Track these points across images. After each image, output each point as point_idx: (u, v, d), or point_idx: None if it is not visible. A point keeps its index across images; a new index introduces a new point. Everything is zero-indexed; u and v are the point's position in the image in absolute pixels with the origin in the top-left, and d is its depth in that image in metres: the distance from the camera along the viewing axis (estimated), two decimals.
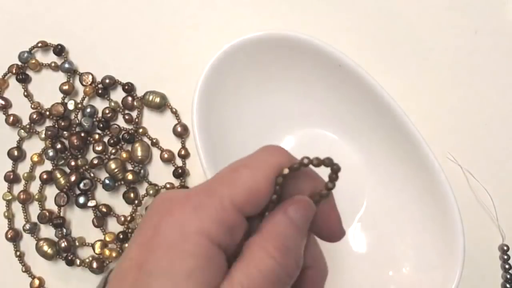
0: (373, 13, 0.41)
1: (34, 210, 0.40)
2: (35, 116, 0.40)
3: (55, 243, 0.39)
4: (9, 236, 0.39)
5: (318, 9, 0.41)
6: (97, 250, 0.39)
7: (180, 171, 0.39)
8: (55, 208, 0.40)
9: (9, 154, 0.40)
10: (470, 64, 0.41)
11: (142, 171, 0.40)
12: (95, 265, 0.38)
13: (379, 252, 0.36)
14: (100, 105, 0.41)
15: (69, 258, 0.39)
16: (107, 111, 0.40)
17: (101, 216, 0.39)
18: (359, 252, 0.37)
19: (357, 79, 0.34)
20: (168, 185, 0.39)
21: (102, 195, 0.40)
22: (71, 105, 0.40)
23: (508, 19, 0.41)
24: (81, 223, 0.40)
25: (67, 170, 0.40)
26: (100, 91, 0.40)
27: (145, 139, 0.40)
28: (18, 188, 0.40)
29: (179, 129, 0.40)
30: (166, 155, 0.40)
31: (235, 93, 0.36)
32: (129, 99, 0.40)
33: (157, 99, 0.40)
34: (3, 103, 0.41)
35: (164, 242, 0.19)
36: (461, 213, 0.32)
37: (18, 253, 0.39)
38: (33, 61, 0.41)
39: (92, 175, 0.40)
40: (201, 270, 0.18)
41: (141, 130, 0.40)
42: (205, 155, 0.33)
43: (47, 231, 0.40)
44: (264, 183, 0.20)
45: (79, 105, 0.40)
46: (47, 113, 0.40)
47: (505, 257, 0.38)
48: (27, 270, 0.39)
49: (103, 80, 0.40)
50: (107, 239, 0.39)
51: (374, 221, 0.37)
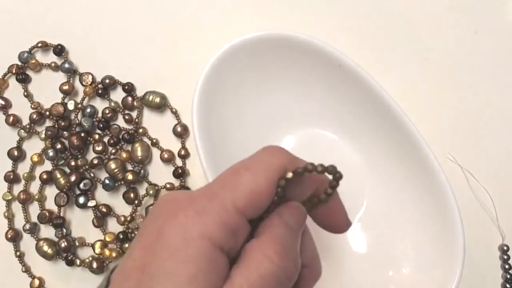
0: (373, 13, 0.41)
1: (34, 210, 0.40)
2: (35, 116, 0.40)
3: (55, 243, 0.39)
4: (9, 236, 0.39)
5: (318, 9, 0.41)
6: (97, 250, 0.39)
7: (180, 171, 0.39)
8: (55, 208, 0.40)
9: (9, 154, 0.40)
10: (470, 64, 0.41)
11: (142, 171, 0.40)
12: (95, 265, 0.38)
13: (379, 252, 0.36)
14: (100, 105, 0.41)
15: (69, 258, 0.39)
16: (107, 111, 0.40)
17: (101, 216, 0.39)
18: (359, 252, 0.36)
19: (357, 79, 0.34)
20: (168, 185, 0.39)
21: (102, 195, 0.40)
22: (71, 105, 0.40)
23: (508, 19, 0.41)
24: (81, 223, 0.40)
25: (67, 170, 0.40)
26: (100, 91, 0.40)
27: (145, 139, 0.40)
28: (18, 188, 0.40)
29: (179, 129, 0.40)
30: (166, 155, 0.40)
31: (235, 93, 0.36)
32: (129, 99, 0.40)
33: (157, 99, 0.40)
34: (3, 103, 0.41)
35: (168, 245, 0.19)
36: (461, 213, 0.32)
37: (18, 253, 0.39)
38: (33, 61, 0.41)
39: (92, 175, 0.40)
40: (203, 274, 0.19)
41: (141, 130, 0.40)
42: (205, 155, 0.33)
43: (47, 231, 0.40)
44: (266, 186, 0.20)
45: (79, 105, 0.40)
46: (47, 113, 0.40)
47: (505, 257, 0.38)
48: (27, 270, 0.39)
49: (103, 80, 0.40)
50: (107, 239, 0.39)
51: (374, 221, 0.37)
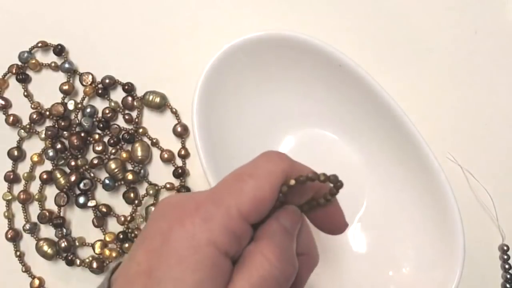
0: (373, 13, 0.41)
1: (34, 210, 0.40)
2: (35, 116, 0.40)
3: (55, 243, 0.39)
4: (9, 236, 0.39)
5: (318, 9, 0.41)
6: (97, 250, 0.39)
7: (180, 171, 0.39)
8: (55, 208, 0.40)
9: (9, 154, 0.40)
10: (470, 64, 0.41)
11: (142, 171, 0.40)
12: (95, 265, 0.38)
13: (379, 252, 0.36)
14: (100, 105, 0.41)
15: (69, 258, 0.39)
16: (107, 111, 0.40)
17: (101, 216, 0.39)
18: (359, 252, 0.37)
19: (357, 79, 0.34)
20: (168, 185, 0.39)
21: (102, 195, 0.40)
22: (71, 105, 0.40)
23: (508, 19, 0.41)
24: (81, 223, 0.40)
25: (67, 170, 0.40)
26: (100, 91, 0.40)
27: (145, 139, 0.40)
28: (18, 188, 0.40)
29: (179, 129, 0.40)
30: (166, 155, 0.40)
31: (235, 93, 0.36)
32: (129, 99, 0.40)
33: (157, 99, 0.40)
34: (3, 103, 0.41)
35: (175, 252, 0.20)
36: (461, 213, 0.32)
37: (18, 253, 0.39)
38: (33, 61, 0.41)
39: (92, 175, 0.40)
40: (209, 280, 0.19)
41: (141, 130, 0.40)
42: (205, 155, 0.33)
43: (47, 231, 0.40)
44: (269, 192, 0.21)
45: (79, 105, 0.40)
46: (47, 113, 0.40)
47: (505, 257, 0.38)
48: (27, 270, 0.39)
49: (103, 80, 0.40)
50: (107, 239, 0.39)
51: (374, 221, 0.37)
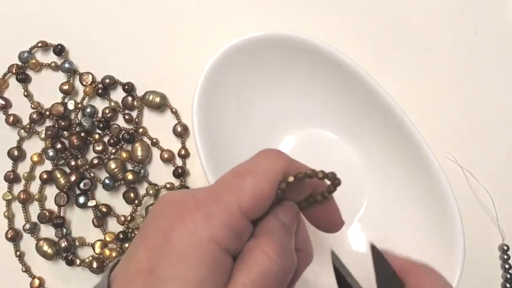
0: (373, 13, 0.41)
1: (34, 210, 0.40)
2: (35, 116, 0.40)
3: (55, 243, 0.39)
4: (9, 236, 0.39)
5: (318, 9, 0.41)
6: (97, 250, 0.39)
7: (180, 171, 0.39)
8: (55, 208, 0.40)
9: (9, 154, 0.40)
10: (470, 64, 0.41)
11: (142, 171, 0.40)
12: (95, 265, 0.38)
13: None
14: (100, 105, 0.41)
15: (69, 258, 0.39)
16: (107, 111, 0.40)
17: (101, 216, 0.39)
18: (359, 252, 0.36)
19: (357, 79, 0.34)
20: (168, 185, 0.39)
21: (102, 195, 0.40)
22: (71, 105, 0.40)
23: (508, 19, 0.41)
24: (81, 223, 0.40)
25: (67, 170, 0.40)
26: (100, 91, 0.40)
27: (145, 139, 0.40)
28: (18, 188, 0.40)
29: (179, 129, 0.40)
30: (166, 155, 0.40)
31: (235, 93, 0.36)
32: (129, 99, 0.40)
33: (157, 99, 0.40)
34: (3, 103, 0.41)
35: (176, 250, 0.20)
36: (461, 213, 0.32)
37: (18, 253, 0.39)
38: (33, 61, 0.41)
39: (92, 175, 0.40)
40: (210, 277, 0.19)
41: (141, 130, 0.40)
42: (205, 155, 0.33)
43: (47, 231, 0.40)
44: (268, 189, 0.21)
45: (79, 105, 0.40)
46: (47, 113, 0.40)
47: (505, 257, 0.38)
48: (27, 270, 0.39)
49: (103, 80, 0.40)
50: (107, 239, 0.39)
51: (374, 221, 0.37)
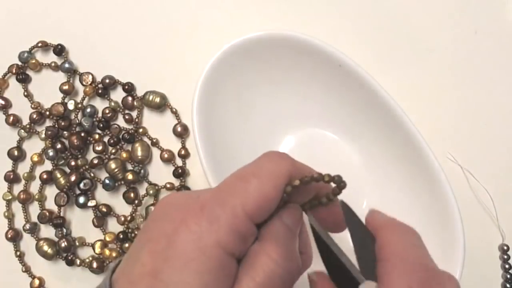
0: (373, 13, 0.41)
1: (34, 210, 0.40)
2: (35, 116, 0.40)
3: (55, 243, 0.39)
4: (9, 236, 0.39)
5: (318, 9, 0.41)
6: (97, 250, 0.39)
7: (180, 171, 0.39)
8: (55, 208, 0.40)
9: (9, 154, 0.40)
10: (470, 64, 0.41)
11: (142, 171, 0.40)
12: (95, 265, 0.38)
13: None
14: (100, 105, 0.41)
15: (69, 258, 0.39)
16: (107, 111, 0.40)
17: (101, 216, 0.39)
18: None
19: (357, 79, 0.34)
20: (168, 185, 0.39)
21: (102, 195, 0.40)
22: (71, 105, 0.40)
23: (508, 19, 0.41)
24: (81, 223, 0.40)
25: (67, 170, 0.40)
26: (100, 91, 0.40)
27: (145, 139, 0.40)
28: (18, 188, 0.40)
29: (179, 129, 0.40)
30: (166, 155, 0.40)
31: (235, 93, 0.36)
32: (129, 99, 0.40)
33: (157, 99, 0.40)
34: (3, 103, 0.41)
35: (181, 254, 0.20)
36: (461, 213, 0.32)
37: (18, 253, 0.39)
38: (33, 61, 0.41)
39: (92, 175, 0.40)
40: (216, 281, 0.19)
41: (141, 130, 0.40)
42: (205, 155, 0.33)
43: (47, 231, 0.40)
44: (274, 192, 0.21)
45: (79, 105, 0.40)
46: (47, 113, 0.40)
47: (505, 257, 0.38)
48: (27, 270, 0.39)
49: (103, 80, 0.40)
50: (107, 239, 0.39)
51: None
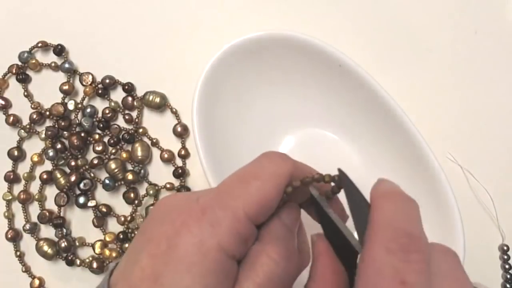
0: (373, 13, 0.41)
1: (34, 210, 0.40)
2: (35, 116, 0.40)
3: (55, 243, 0.39)
4: (9, 236, 0.39)
5: (318, 9, 0.41)
6: (97, 250, 0.39)
7: (180, 171, 0.39)
8: (55, 208, 0.40)
9: (9, 154, 0.40)
10: (470, 64, 0.41)
11: (142, 171, 0.40)
12: (95, 265, 0.38)
13: None
14: (100, 105, 0.41)
15: (69, 258, 0.39)
16: (107, 111, 0.40)
17: (101, 216, 0.39)
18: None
19: (357, 79, 0.34)
20: (168, 185, 0.39)
21: (102, 195, 0.40)
22: (71, 105, 0.40)
23: (508, 19, 0.41)
24: (81, 223, 0.40)
25: (67, 170, 0.40)
26: (100, 91, 0.40)
27: (145, 139, 0.40)
28: (18, 188, 0.40)
29: (179, 129, 0.40)
30: (166, 155, 0.40)
31: (235, 93, 0.36)
32: (129, 99, 0.40)
33: (157, 99, 0.40)
34: (3, 103, 0.41)
35: (183, 258, 0.19)
36: (461, 213, 0.32)
37: (18, 253, 0.39)
38: (33, 61, 0.41)
39: (92, 175, 0.40)
40: (218, 285, 0.19)
41: (141, 130, 0.40)
42: (205, 155, 0.33)
43: (47, 231, 0.40)
44: (275, 193, 0.21)
45: (79, 105, 0.40)
46: (47, 113, 0.40)
47: (505, 257, 0.38)
48: (27, 270, 0.39)
49: (103, 80, 0.40)
50: (107, 239, 0.39)
51: None
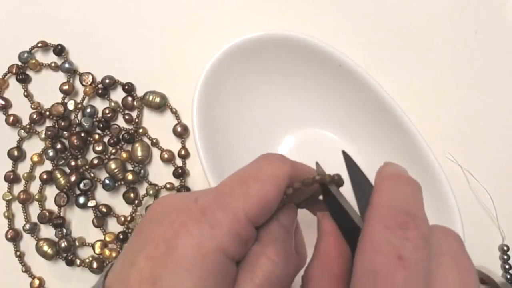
0: (373, 13, 0.41)
1: (34, 210, 0.40)
2: (35, 116, 0.40)
3: (55, 243, 0.39)
4: (9, 236, 0.39)
5: (318, 9, 0.41)
6: (97, 250, 0.39)
7: (180, 171, 0.39)
8: (55, 208, 0.40)
9: (9, 154, 0.40)
10: (470, 64, 0.41)
11: (142, 171, 0.40)
12: (95, 265, 0.38)
13: None
14: (100, 105, 0.41)
15: (69, 258, 0.39)
16: (107, 111, 0.40)
17: (101, 216, 0.39)
18: None
19: (357, 79, 0.34)
20: (168, 185, 0.39)
21: (102, 195, 0.40)
22: (71, 105, 0.40)
23: (508, 19, 0.41)
24: (81, 223, 0.40)
25: (67, 170, 0.40)
26: (100, 91, 0.40)
27: (145, 139, 0.40)
28: (18, 188, 0.40)
29: (179, 129, 0.40)
30: (166, 155, 0.40)
31: (235, 93, 0.36)
32: (129, 99, 0.40)
33: (157, 99, 0.40)
34: (3, 103, 0.41)
35: (182, 260, 0.19)
36: (461, 213, 0.32)
37: (18, 253, 0.39)
38: (33, 61, 0.41)
39: (92, 175, 0.40)
40: (217, 286, 0.19)
41: (141, 130, 0.40)
42: (205, 155, 0.33)
43: (47, 231, 0.40)
44: (275, 195, 0.21)
45: (79, 105, 0.40)
46: (47, 113, 0.40)
47: (505, 257, 0.38)
48: (27, 270, 0.39)
49: (103, 80, 0.40)
50: (107, 239, 0.39)
51: None
